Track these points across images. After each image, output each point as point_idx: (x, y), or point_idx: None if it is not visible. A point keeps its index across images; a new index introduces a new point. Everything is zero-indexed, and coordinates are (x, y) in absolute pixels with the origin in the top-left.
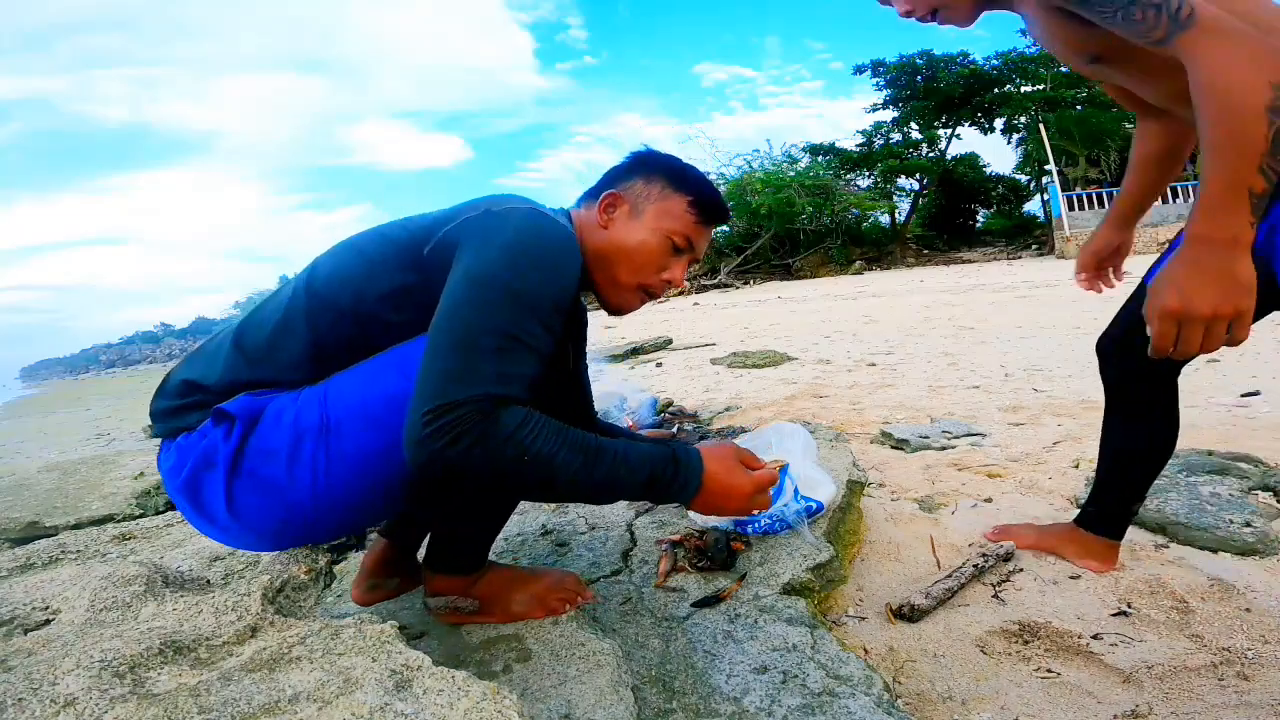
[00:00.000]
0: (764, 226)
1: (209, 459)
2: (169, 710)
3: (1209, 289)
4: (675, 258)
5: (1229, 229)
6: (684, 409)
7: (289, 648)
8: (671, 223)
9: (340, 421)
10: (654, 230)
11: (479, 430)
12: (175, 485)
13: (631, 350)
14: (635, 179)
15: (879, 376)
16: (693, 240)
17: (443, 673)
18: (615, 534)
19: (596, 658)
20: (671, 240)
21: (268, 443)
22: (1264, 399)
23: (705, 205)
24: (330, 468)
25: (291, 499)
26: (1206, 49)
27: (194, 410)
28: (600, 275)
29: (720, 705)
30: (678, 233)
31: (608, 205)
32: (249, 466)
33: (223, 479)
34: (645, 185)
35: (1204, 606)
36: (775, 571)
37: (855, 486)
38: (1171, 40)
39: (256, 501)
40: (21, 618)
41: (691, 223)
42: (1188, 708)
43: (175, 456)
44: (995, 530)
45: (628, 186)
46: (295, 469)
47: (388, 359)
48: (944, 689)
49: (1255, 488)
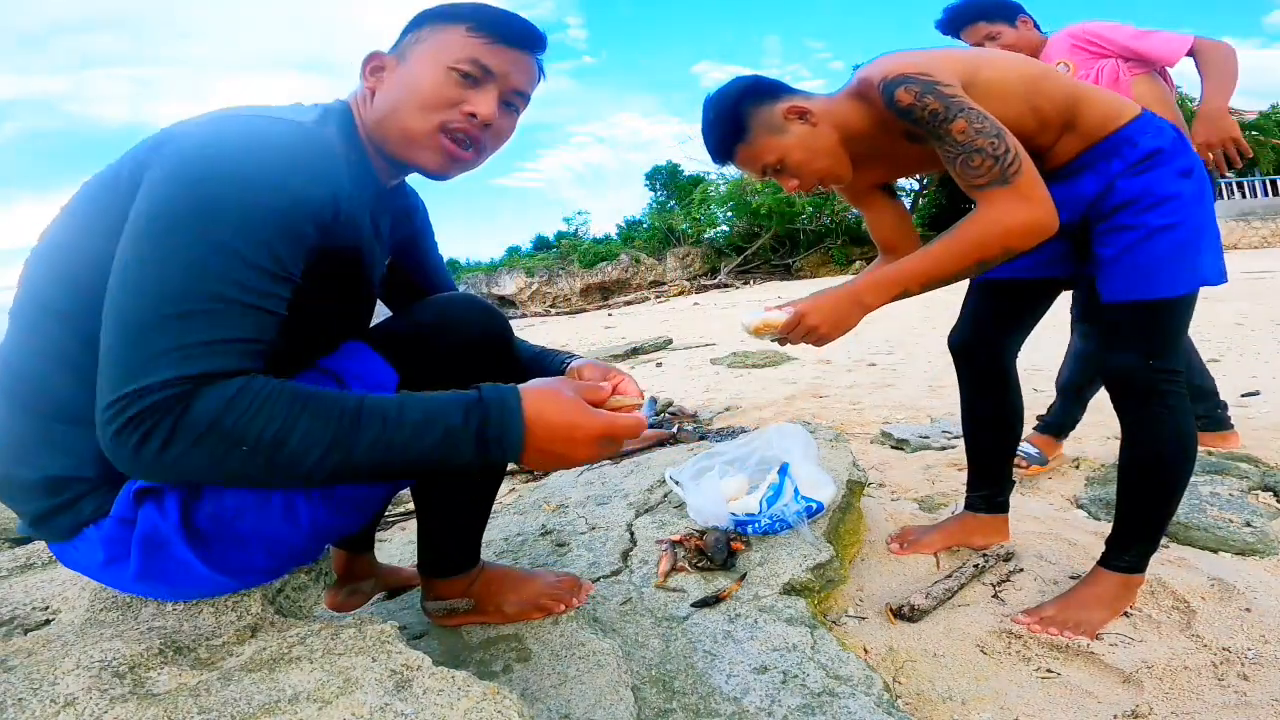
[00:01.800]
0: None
1: (153, 541)
2: (169, 710)
3: (826, 316)
4: (472, 89)
5: (869, 300)
6: (684, 409)
7: (289, 648)
8: (448, 53)
9: None
10: (428, 65)
11: (169, 424)
12: (122, 579)
13: (631, 350)
14: (404, 38)
15: (879, 376)
16: (487, 64)
17: (443, 673)
18: (615, 534)
19: (596, 658)
20: (454, 71)
21: (224, 501)
22: (1264, 399)
23: (487, 21)
24: (319, 513)
25: (286, 542)
26: (1000, 204)
27: (81, 501)
28: (392, 141)
29: (720, 705)
30: (460, 60)
31: (373, 69)
32: (210, 530)
33: (187, 552)
34: (414, 36)
35: (1204, 606)
36: (775, 571)
37: (855, 486)
38: (989, 188)
39: (234, 560)
40: (21, 618)
41: (478, 45)
42: (1188, 708)
43: (101, 550)
44: (899, 537)
45: (396, 46)
46: (288, 519)
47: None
48: (944, 689)
49: (1255, 488)
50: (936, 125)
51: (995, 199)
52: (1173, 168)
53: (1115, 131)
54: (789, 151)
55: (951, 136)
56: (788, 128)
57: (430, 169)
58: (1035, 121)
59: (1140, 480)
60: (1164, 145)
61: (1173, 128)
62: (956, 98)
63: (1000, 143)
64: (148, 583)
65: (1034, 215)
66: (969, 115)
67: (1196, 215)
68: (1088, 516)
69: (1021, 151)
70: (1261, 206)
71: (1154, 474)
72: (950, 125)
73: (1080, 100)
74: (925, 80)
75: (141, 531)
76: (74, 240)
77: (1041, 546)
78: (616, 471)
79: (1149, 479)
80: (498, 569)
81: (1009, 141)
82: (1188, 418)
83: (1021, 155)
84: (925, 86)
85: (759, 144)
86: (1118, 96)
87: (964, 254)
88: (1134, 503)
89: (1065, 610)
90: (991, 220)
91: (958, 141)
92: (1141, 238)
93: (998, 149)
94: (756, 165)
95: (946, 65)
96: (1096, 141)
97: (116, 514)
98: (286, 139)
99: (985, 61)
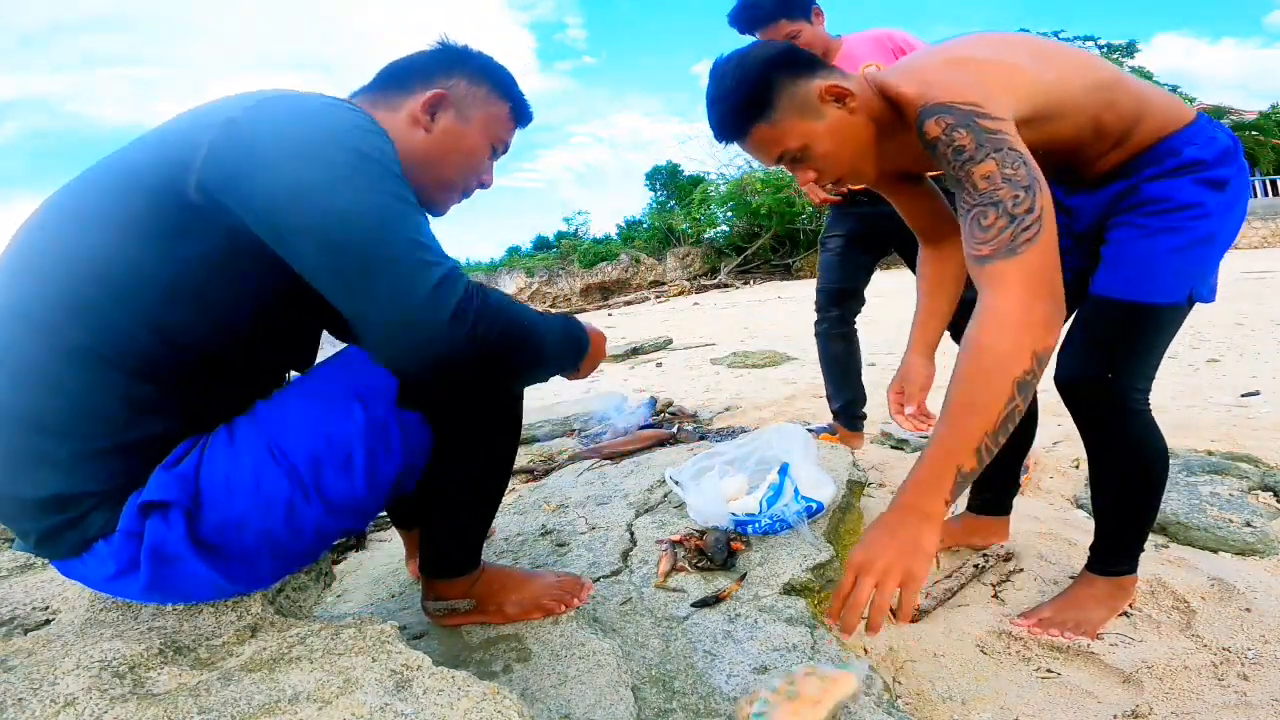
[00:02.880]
0: (764, 226)
1: (162, 554)
2: (169, 710)
3: (890, 550)
4: (490, 161)
5: (928, 506)
6: (684, 409)
7: (289, 648)
8: (493, 131)
9: (317, 484)
10: (481, 138)
11: (479, 302)
12: (131, 590)
13: (631, 350)
14: (456, 78)
15: (879, 376)
16: (508, 144)
17: (443, 673)
18: (615, 534)
19: (596, 658)
20: (491, 146)
21: (229, 511)
22: (1264, 399)
23: (523, 112)
24: (323, 521)
25: (290, 549)
26: (1005, 291)
27: (88, 516)
28: (421, 177)
29: (720, 705)
30: (498, 141)
31: (431, 104)
32: (217, 540)
33: (198, 563)
34: (470, 87)
35: (1204, 606)
36: (775, 571)
37: (855, 486)
38: (991, 261)
39: (240, 570)
40: (21, 618)
41: (511, 128)
42: (1188, 708)
43: (111, 563)
44: None
45: (450, 85)
46: (291, 529)
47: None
48: (944, 689)
49: (1255, 488)
50: (960, 165)
51: (996, 282)
52: (1206, 176)
53: (1160, 140)
54: (818, 139)
55: (973, 181)
56: (823, 110)
57: (439, 212)
58: (1094, 134)
59: (1118, 494)
60: (1207, 157)
61: (1228, 134)
62: (998, 134)
63: (1026, 198)
64: (157, 592)
65: (1052, 304)
66: (1003, 158)
67: (1211, 227)
68: (1087, 516)
69: (1047, 212)
70: (1261, 206)
71: (1130, 487)
72: (975, 167)
73: (1144, 114)
74: (966, 111)
75: (150, 544)
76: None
77: (1041, 546)
78: (616, 471)
79: (1126, 492)
80: (498, 569)
81: (1038, 200)
82: (1152, 427)
83: (1044, 218)
84: (961, 118)
85: (784, 125)
86: (1177, 102)
87: (994, 391)
88: (1114, 515)
89: (1063, 611)
90: (1001, 324)
91: (978, 189)
92: (1144, 236)
93: (1019, 206)
94: (773, 150)
95: (1008, 86)
96: (1141, 151)
97: (124, 528)
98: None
99: (1059, 72)
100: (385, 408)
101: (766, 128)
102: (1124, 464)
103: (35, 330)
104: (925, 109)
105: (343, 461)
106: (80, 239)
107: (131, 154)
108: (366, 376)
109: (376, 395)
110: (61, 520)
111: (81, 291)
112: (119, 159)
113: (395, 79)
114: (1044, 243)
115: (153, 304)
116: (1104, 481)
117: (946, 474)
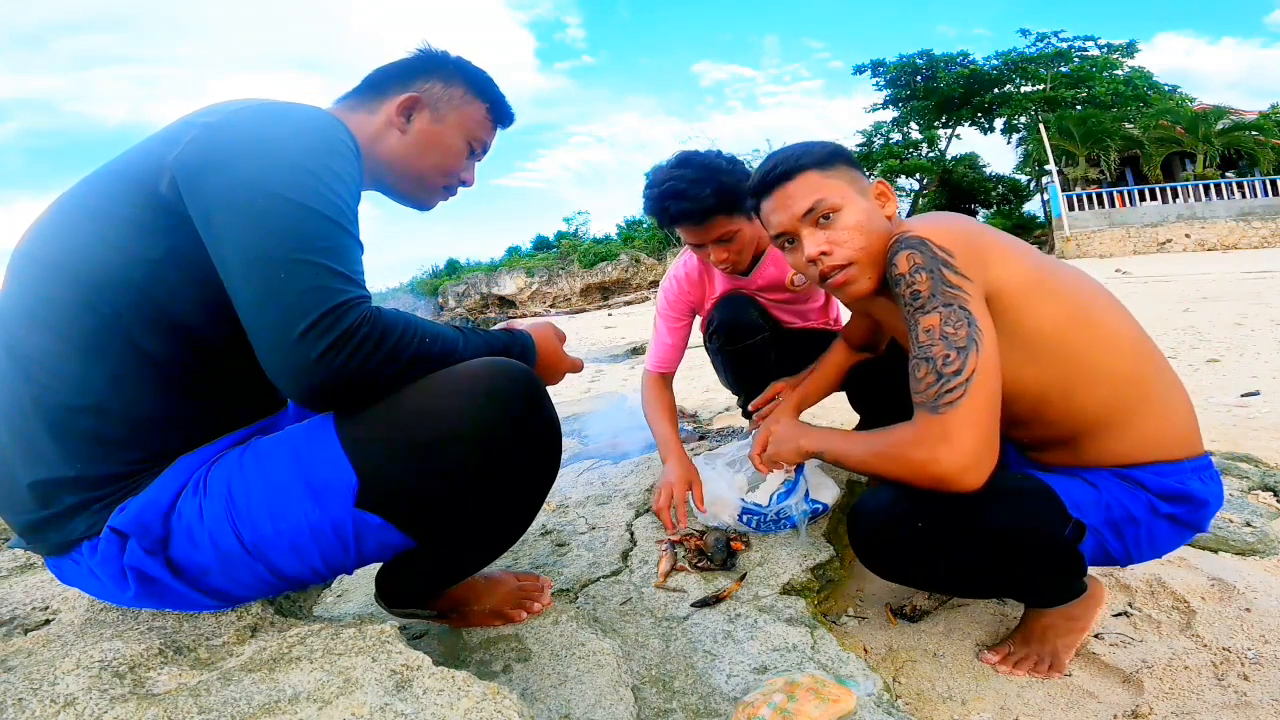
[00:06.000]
0: None
1: (144, 574)
2: (169, 710)
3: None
4: (470, 160)
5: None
6: (684, 409)
7: (289, 648)
8: (470, 130)
9: (260, 547)
10: (457, 137)
11: (376, 334)
12: (121, 599)
13: (631, 350)
14: (432, 81)
15: None
16: (487, 144)
17: (443, 673)
18: (615, 534)
19: (596, 658)
20: (469, 145)
21: (193, 558)
22: (1264, 399)
23: (502, 112)
24: (270, 577)
25: (261, 591)
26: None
27: (75, 513)
28: (398, 177)
29: (720, 705)
30: (476, 139)
31: (406, 107)
32: (190, 573)
33: (174, 584)
34: (445, 89)
35: (1204, 606)
36: (775, 571)
37: (856, 487)
38: (919, 409)
39: (221, 594)
40: (21, 618)
41: (489, 127)
42: (1188, 708)
43: (99, 571)
44: None
45: (425, 88)
46: (240, 581)
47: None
48: (944, 689)
49: (1255, 488)
50: (912, 311)
51: (920, 424)
52: (1171, 508)
53: (1169, 462)
54: (854, 213)
55: (917, 330)
56: (870, 196)
57: (425, 208)
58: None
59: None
60: (1194, 494)
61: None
62: (957, 290)
63: (958, 359)
64: (148, 602)
65: (950, 463)
66: (949, 314)
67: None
68: None
69: (983, 381)
70: (1261, 206)
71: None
72: (923, 317)
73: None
74: (937, 255)
75: (132, 562)
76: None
77: None
78: (616, 471)
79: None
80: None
81: (972, 361)
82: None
83: (973, 386)
84: (930, 261)
85: (835, 179)
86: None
87: (875, 464)
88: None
89: (1025, 646)
90: (910, 445)
91: (919, 340)
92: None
93: (949, 365)
94: (809, 197)
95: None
96: (1143, 463)
97: (108, 536)
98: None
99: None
100: (342, 509)
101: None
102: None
103: (43, 324)
104: (903, 239)
105: (291, 549)
106: (81, 236)
107: (129, 154)
108: (326, 469)
109: (335, 493)
110: (45, 515)
111: (84, 284)
112: (119, 159)
113: (375, 84)
114: (968, 406)
115: (150, 297)
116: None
117: (832, 445)
